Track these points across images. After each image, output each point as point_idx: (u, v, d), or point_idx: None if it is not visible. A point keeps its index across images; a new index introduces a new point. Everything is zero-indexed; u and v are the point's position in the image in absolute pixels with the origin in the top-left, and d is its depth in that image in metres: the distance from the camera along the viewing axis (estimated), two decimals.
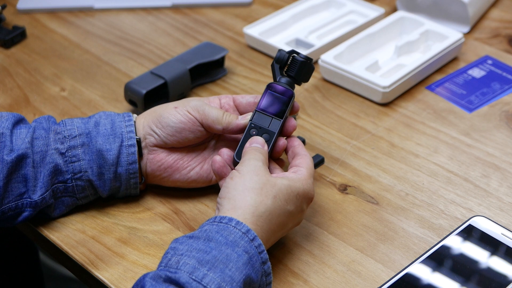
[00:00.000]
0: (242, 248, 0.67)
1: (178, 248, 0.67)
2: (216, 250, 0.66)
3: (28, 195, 0.77)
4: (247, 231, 0.68)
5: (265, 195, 0.71)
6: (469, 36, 1.12)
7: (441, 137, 0.93)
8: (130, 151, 0.79)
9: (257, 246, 0.68)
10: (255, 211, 0.70)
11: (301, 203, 0.74)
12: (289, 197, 0.72)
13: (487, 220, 0.79)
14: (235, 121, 0.80)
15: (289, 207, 0.72)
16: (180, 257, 0.65)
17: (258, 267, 0.68)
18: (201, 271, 0.64)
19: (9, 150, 0.76)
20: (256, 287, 0.68)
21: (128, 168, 0.80)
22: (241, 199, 0.71)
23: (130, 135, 0.80)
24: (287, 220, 0.73)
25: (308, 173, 0.76)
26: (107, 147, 0.79)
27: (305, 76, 0.82)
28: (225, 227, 0.68)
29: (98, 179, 0.80)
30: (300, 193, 0.74)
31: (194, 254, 0.65)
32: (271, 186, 0.72)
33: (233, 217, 0.69)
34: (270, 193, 0.71)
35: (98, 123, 0.80)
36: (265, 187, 0.72)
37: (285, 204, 0.72)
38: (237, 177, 0.73)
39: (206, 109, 0.80)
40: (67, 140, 0.79)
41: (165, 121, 0.80)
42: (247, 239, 0.68)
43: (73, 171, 0.79)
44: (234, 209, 0.70)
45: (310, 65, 0.82)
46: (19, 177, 0.77)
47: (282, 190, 0.72)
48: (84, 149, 0.79)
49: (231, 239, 0.67)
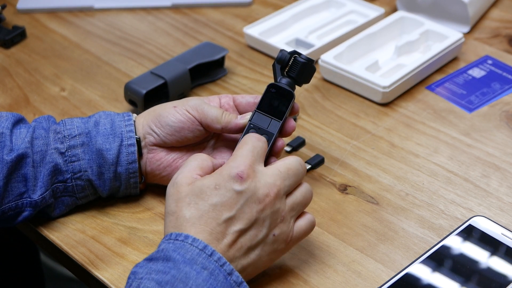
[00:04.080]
0: (200, 265, 0.65)
1: (138, 272, 0.65)
2: (174, 269, 0.64)
3: (28, 194, 0.77)
4: (204, 247, 0.66)
5: (179, 211, 0.69)
6: (469, 36, 1.12)
7: (441, 137, 0.93)
8: (130, 150, 0.79)
9: (216, 260, 0.66)
10: (180, 229, 0.68)
11: (226, 188, 0.69)
12: (204, 194, 0.69)
13: (487, 220, 0.79)
14: (234, 121, 0.80)
15: (210, 201, 0.69)
16: (140, 280, 0.64)
17: (223, 280, 0.65)
18: None
19: (9, 149, 0.76)
20: None
21: (128, 168, 0.80)
22: (165, 224, 0.70)
23: (130, 135, 0.80)
24: (217, 213, 0.68)
25: (235, 157, 0.71)
26: (106, 147, 0.79)
27: (306, 77, 0.82)
28: (181, 245, 0.66)
29: (98, 179, 0.80)
30: (218, 182, 0.69)
31: (153, 276, 0.64)
32: (183, 197, 0.69)
33: (189, 233, 0.67)
34: (183, 204, 0.69)
35: (98, 123, 0.80)
36: (177, 204, 0.69)
37: (203, 201, 0.69)
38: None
39: (205, 108, 0.80)
40: (66, 139, 0.79)
41: (164, 120, 0.80)
42: (205, 255, 0.66)
43: (73, 171, 0.79)
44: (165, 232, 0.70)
45: (311, 66, 0.82)
46: (19, 176, 0.77)
47: (195, 191, 0.69)
48: (83, 149, 0.79)
49: (188, 257, 0.65)
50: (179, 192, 0.70)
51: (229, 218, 0.68)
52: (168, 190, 0.71)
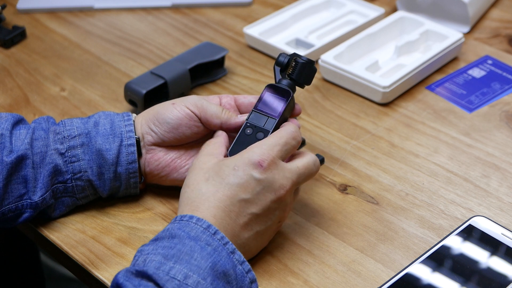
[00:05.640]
0: (204, 241, 0.68)
1: (144, 249, 0.68)
2: (180, 244, 0.67)
3: (28, 196, 0.77)
4: (208, 226, 0.69)
5: (196, 184, 0.72)
6: (469, 36, 1.12)
7: (441, 137, 0.93)
8: (130, 150, 0.79)
9: (220, 239, 0.68)
10: (189, 201, 0.72)
11: (244, 172, 0.72)
12: (223, 172, 0.72)
13: (487, 220, 0.79)
14: (234, 118, 0.80)
15: (227, 180, 0.71)
16: (146, 256, 0.66)
17: (226, 256, 0.68)
18: (167, 265, 0.65)
19: (9, 151, 0.76)
20: (232, 274, 0.68)
21: (128, 168, 0.80)
22: (181, 195, 0.74)
23: (129, 135, 0.80)
24: (234, 192, 0.71)
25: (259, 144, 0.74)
26: (106, 147, 0.79)
27: (306, 78, 0.82)
28: (186, 224, 0.69)
29: (98, 179, 0.80)
30: (238, 164, 0.72)
31: (159, 251, 0.66)
32: (204, 172, 0.73)
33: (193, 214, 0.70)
34: (201, 178, 0.72)
35: (98, 123, 0.80)
36: (197, 177, 0.73)
37: (221, 179, 0.72)
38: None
39: (205, 103, 0.80)
40: (66, 140, 0.79)
41: (162, 117, 0.80)
42: (209, 234, 0.68)
43: (73, 171, 0.79)
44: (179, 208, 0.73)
45: (311, 67, 0.82)
46: (19, 178, 0.77)
47: (215, 168, 0.73)
48: (83, 149, 0.79)
49: (193, 234, 0.68)
50: (201, 168, 0.73)
51: (245, 200, 0.72)
52: (193, 162, 0.75)
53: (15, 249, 1.24)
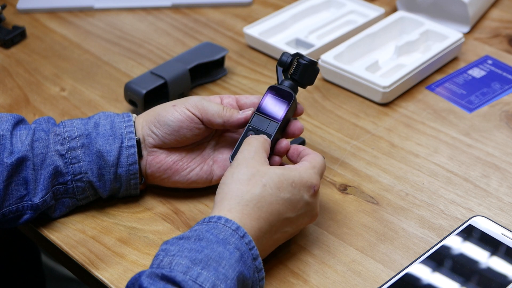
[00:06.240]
0: (233, 245, 0.67)
1: (169, 249, 0.66)
2: (208, 249, 0.66)
3: (28, 197, 0.77)
4: (237, 228, 0.68)
5: (252, 185, 0.71)
6: (469, 36, 1.12)
7: (441, 137, 0.93)
8: (130, 152, 0.79)
9: (247, 243, 0.68)
10: (241, 201, 0.70)
11: (299, 191, 0.73)
12: (281, 185, 0.72)
13: (487, 220, 0.79)
14: (236, 115, 0.80)
15: (283, 195, 0.72)
16: (172, 257, 0.65)
17: (250, 263, 0.68)
18: (195, 270, 0.64)
19: (9, 152, 0.76)
20: (249, 283, 0.68)
21: (128, 169, 0.80)
22: (228, 191, 0.72)
23: (130, 136, 0.80)
24: (284, 208, 0.72)
25: (309, 164, 0.75)
26: (107, 148, 0.79)
27: (309, 79, 0.82)
28: (214, 226, 0.68)
29: (98, 180, 0.79)
30: (296, 181, 0.73)
31: (186, 254, 0.65)
32: (260, 175, 0.72)
33: (221, 214, 0.69)
34: (259, 182, 0.71)
35: (98, 124, 0.80)
36: (254, 177, 0.72)
37: (278, 191, 0.72)
38: (228, 171, 0.74)
39: (205, 104, 0.80)
40: (66, 141, 0.79)
41: (163, 120, 0.80)
42: (238, 236, 0.68)
43: (73, 173, 0.79)
44: (222, 201, 0.71)
45: (314, 68, 0.81)
46: (19, 180, 0.77)
47: (274, 178, 0.72)
48: (84, 150, 0.79)
49: (222, 237, 0.67)
50: (257, 170, 0.73)
51: (289, 218, 0.73)
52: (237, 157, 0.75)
53: (16, 249, 1.24)
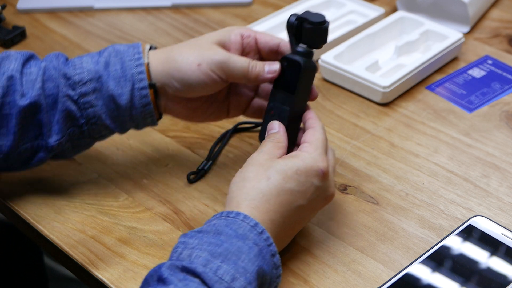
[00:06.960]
0: (252, 240, 0.67)
1: (188, 242, 0.66)
2: (227, 243, 0.66)
3: (43, 139, 0.78)
4: (255, 224, 0.68)
5: (258, 180, 0.71)
6: (469, 36, 1.12)
7: (441, 137, 0.93)
8: (143, 93, 0.78)
9: (265, 239, 0.68)
10: (247, 197, 0.70)
11: (306, 178, 0.72)
12: (286, 174, 0.72)
13: (487, 220, 0.79)
14: (262, 74, 0.78)
15: (288, 185, 0.71)
16: (191, 250, 0.65)
17: (269, 259, 0.68)
18: (214, 263, 0.64)
19: (21, 94, 0.76)
20: (268, 279, 0.68)
21: (143, 110, 0.79)
22: (235, 189, 0.72)
23: (140, 77, 0.78)
24: (293, 197, 0.72)
25: (312, 147, 0.75)
26: (119, 92, 0.78)
27: (319, 41, 0.79)
28: (233, 221, 0.68)
29: (113, 122, 0.80)
30: (301, 169, 0.72)
31: (205, 247, 0.65)
32: (264, 169, 0.72)
33: (240, 210, 0.69)
34: (263, 176, 0.71)
35: (108, 63, 0.79)
36: (258, 172, 0.72)
37: (283, 182, 0.71)
38: (238, 172, 0.74)
39: (231, 65, 0.78)
40: (77, 86, 0.78)
41: (186, 79, 0.78)
42: (256, 232, 0.68)
43: (87, 117, 0.79)
44: (231, 200, 0.71)
45: (319, 29, 0.78)
46: (34, 121, 0.77)
47: (278, 169, 0.72)
48: (96, 95, 0.78)
49: (241, 232, 0.67)
50: (262, 165, 0.73)
51: (301, 206, 0.73)
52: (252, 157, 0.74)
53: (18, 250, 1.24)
